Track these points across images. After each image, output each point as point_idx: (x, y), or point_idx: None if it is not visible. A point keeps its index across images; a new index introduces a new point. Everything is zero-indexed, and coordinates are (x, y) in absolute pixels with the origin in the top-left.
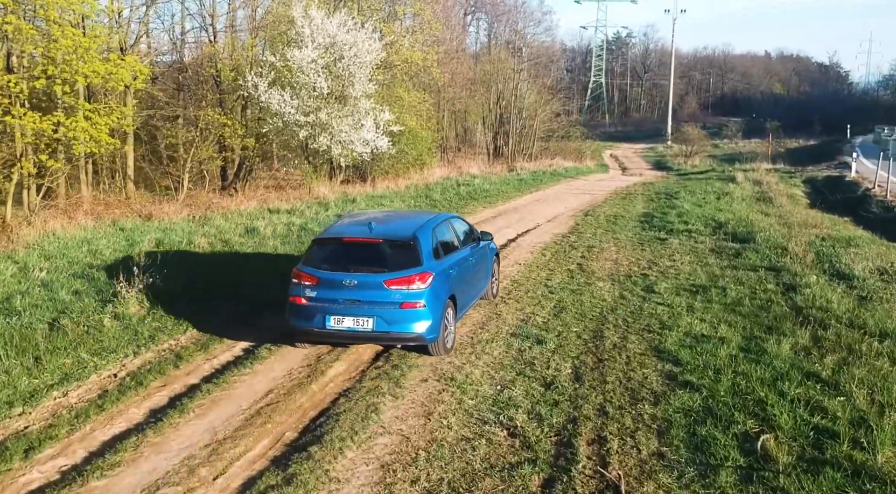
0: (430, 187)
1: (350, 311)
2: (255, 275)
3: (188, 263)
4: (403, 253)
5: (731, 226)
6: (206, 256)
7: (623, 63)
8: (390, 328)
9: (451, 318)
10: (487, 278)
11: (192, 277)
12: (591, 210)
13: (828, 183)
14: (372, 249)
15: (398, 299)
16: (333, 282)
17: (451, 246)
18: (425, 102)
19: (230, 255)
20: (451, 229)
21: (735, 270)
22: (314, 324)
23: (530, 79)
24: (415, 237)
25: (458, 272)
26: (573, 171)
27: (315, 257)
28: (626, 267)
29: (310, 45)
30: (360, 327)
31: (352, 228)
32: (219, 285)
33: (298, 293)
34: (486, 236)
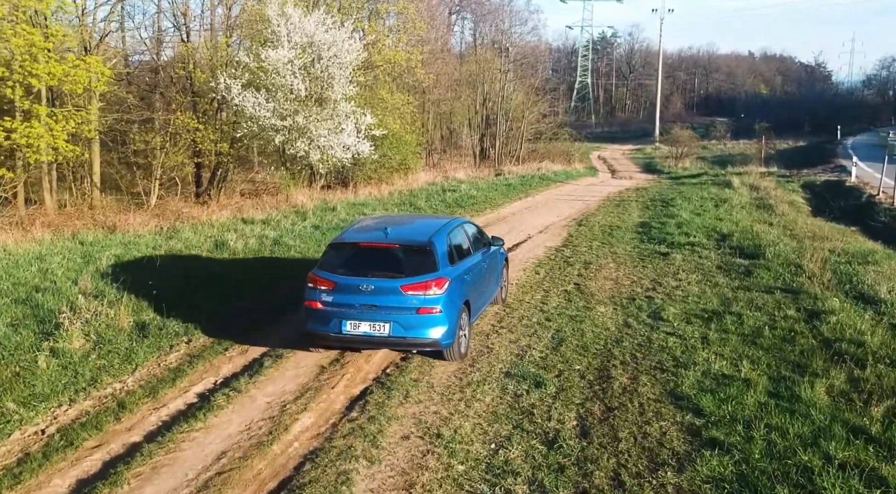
0: (415, 193)
1: (367, 316)
2: (219, 303)
3: (146, 286)
4: (420, 258)
5: (736, 238)
6: (168, 277)
7: (608, 63)
8: (407, 333)
9: (466, 323)
10: (498, 283)
11: (149, 303)
12: (584, 219)
13: (827, 188)
14: (388, 254)
15: (415, 305)
16: (350, 287)
17: (465, 251)
18: (409, 104)
19: (195, 275)
20: (465, 233)
21: (748, 291)
22: (330, 329)
23: (517, 79)
24: (431, 243)
25: (472, 278)
26: (562, 175)
27: (331, 262)
28: (628, 288)
29: (286, 44)
30: (376, 332)
31: (368, 233)
32: (178, 314)
33: (314, 298)
34: (496, 240)
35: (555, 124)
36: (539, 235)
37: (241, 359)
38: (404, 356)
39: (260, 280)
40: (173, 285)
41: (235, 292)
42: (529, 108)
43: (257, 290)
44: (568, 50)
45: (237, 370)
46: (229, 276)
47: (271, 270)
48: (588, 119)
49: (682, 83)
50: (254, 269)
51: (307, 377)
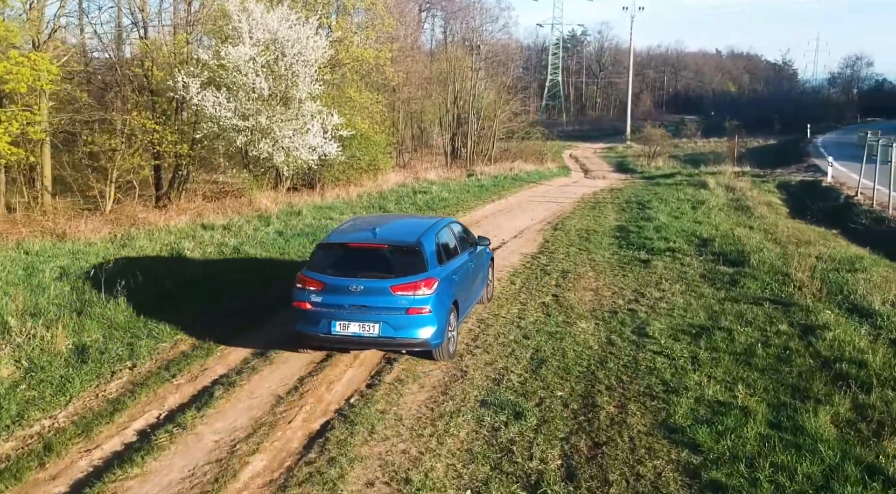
0: (385, 195)
1: (356, 316)
2: (171, 322)
3: (90, 302)
4: (409, 259)
5: (718, 244)
6: (116, 292)
7: (578, 61)
8: (396, 333)
9: (454, 323)
10: (484, 283)
11: (91, 322)
12: (559, 223)
13: (803, 188)
14: (377, 254)
15: (404, 305)
16: (339, 287)
17: (453, 251)
18: (378, 103)
19: (145, 290)
20: (452, 233)
21: (735, 303)
22: (319, 329)
23: (488, 78)
24: (420, 243)
25: (460, 278)
26: (535, 175)
27: (320, 262)
28: (609, 299)
29: (247, 41)
30: (365, 332)
31: (356, 233)
32: (123, 335)
33: (303, 298)
34: (483, 240)
35: (527, 123)
36: (514, 240)
37: (190, 387)
38: (370, 383)
39: (219, 295)
40: (120, 302)
41: (189, 309)
42: (501, 106)
43: (213, 306)
44: (538, 48)
45: (184, 400)
46: (184, 290)
47: (232, 284)
48: (559, 117)
49: (652, 81)
50: (212, 280)
51: (261, 409)
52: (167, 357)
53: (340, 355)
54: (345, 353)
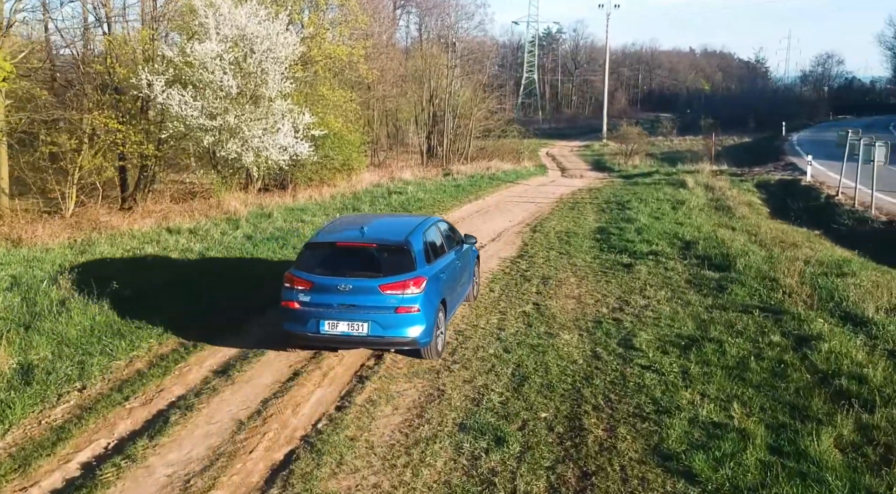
0: (359, 195)
1: (345, 315)
2: (125, 340)
3: (42, 315)
4: (397, 258)
5: (701, 246)
6: (70, 305)
7: (554, 59)
8: (385, 332)
9: (442, 322)
10: (471, 281)
11: (40, 338)
12: (538, 224)
13: (782, 188)
14: (366, 253)
15: (393, 304)
16: (328, 287)
17: (440, 250)
18: (352, 102)
19: (101, 303)
20: (439, 232)
21: (724, 311)
22: (308, 329)
23: (464, 75)
24: (408, 242)
25: (448, 276)
26: (512, 174)
27: (308, 262)
28: (592, 308)
29: (214, 37)
30: (354, 331)
31: (344, 232)
32: (73, 353)
33: (292, 298)
34: (469, 238)
35: (503, 121)
36: (492, 243)
37: (143, 412)
38: (340, 405)
39: (182, 306)
40: (74, 315)
41: (148, 322)
42: (477, 104)
43: (175, 318)
44: (514, 46)
45: (136, 427)
46: (144, 301)
47: (196, 294)
48: (535, 115)
49: (627, 79)
50: (175, 290)
51: (220, 436)
52: (121, 377)
53: (308, 373)
54: (313, 372)
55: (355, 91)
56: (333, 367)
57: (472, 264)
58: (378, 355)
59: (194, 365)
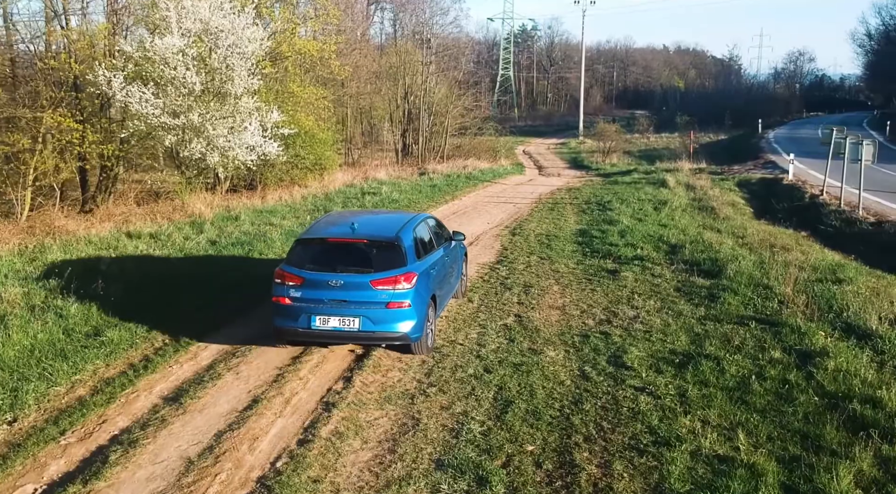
0: (331, 196)
1: (336, 311)
2: (70, 361)
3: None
4: (388, 253)
5: (688, 251)
6: (7, 323)
7: (529, 56)
8: (376, 327)
9: (432, 317)
10: (459, 277)
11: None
12: (517, 227)
13: (764, 187)
14: (357, 249)
15: (384, 299)
16: (319, 282)
17: (430, 246)
18: (325, 99)
19: (45, 317)
20: (428, 228)
21: (718, 323)
22: (299, 324)
23: (439, 72)
24: (399, 237)
25: (437, 272)
26: (489, 173)
27: (298, 258)
28: (578, 320)
29: (176, 31)
30: (346, 326)
31: (334, 228)
32: (5, 379)
33: (282, 294)
34: (457, 235)
35: (480, 119)
36: (470, 247)
37: (80, 448)
38: (302, 439)
39: (133, 323)
40: (13, 333)
41: (94, 342)
42: (453, 102)
43: (125, 338)
44: (490, 43)
45: (71, 467)
46: (93, 318)
47: (151, 309)
48: (511, 113)
49: (601, 76)
50: (128, 303)
51: (165, 479)
52: (59, 406)
53: (268, 400)
54: (275, 398)
55: (328, 88)
56: (297, 392)
57: (460, 260)
58: (347, 377)
59: (143, 391)
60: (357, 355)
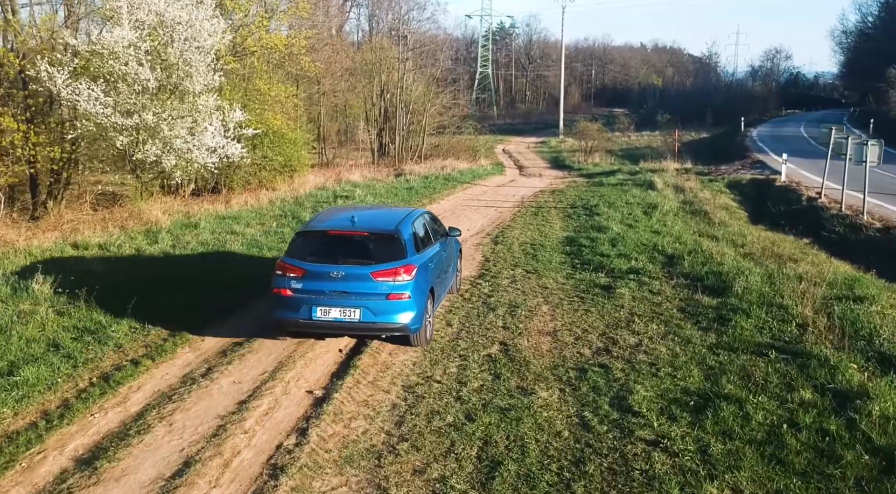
0: (301, 200)
1: (337, 302)
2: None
3: None
4: (389, 246)
5: (688, 262)
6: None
7: (507, 54)
8: (376, 318)
9: (430, 310)
10: (454, 273)
11: None
12: (499, 234)
13: (755, 188)
14: (358, 241)
15: (385, 291)
16: (320, 274)
17: (427, 240)
18: (295, 97)
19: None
20: (426, 223)
21: (733, 353)
22: (300, 315)
23: (416, 69)
24: (398, 230)
25: (435, 265)
26: (469, 174)
27: (299, 250)
28: (572, 348)
29: (126, 22)
30: (346, 317)
31: (335, 221)
32: None
33: (283, 285)
34: (453, 231)
35: (458, 117)
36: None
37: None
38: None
39: (50, 366)
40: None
41: (4, 387)
42: (431, 99)
43: (44, 381)
44: (468, 40)
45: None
46: (11, 350)
47: (75, 346)
48: (490, 110)
49: (580, 74)
50: (52, 338)
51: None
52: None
53: (204, 462)
54: (211, 459)
55: (301, 85)
56: (239, 451)
57: (455, 255)
58: (303, 428)
59: (52, 450)
60: (316, 398)
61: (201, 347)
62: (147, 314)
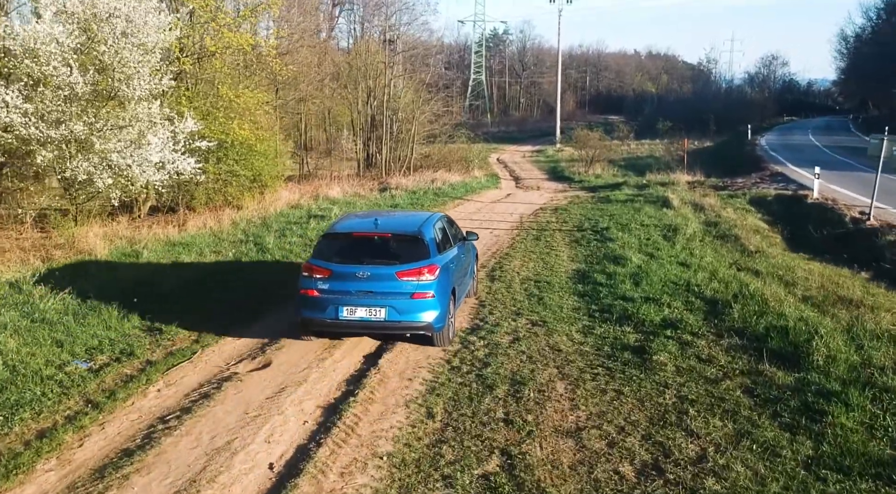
0: (268, 222)
1: (363, 301)
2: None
3: None
4: (412, 246)
5: (737, 311)
6: None
7: (501, 60)
8: (402, 317)
9: (452, 310)
10: (472, 276)
11: None
12: (497, 266)
13: (785, 207)
14: (382, 243)
15: (410, 290)
16: (346, 274)
17: (447, 243)
18: (267, 105)
19: None
20: (446, 226)
21: (847, 478)
22: (327, 315)
23: (406, 75)
24: (421, 232)
25: (455, 267)
26: (461, 187)
27: (325, 252)
28: (606, 465)
29: (48, 15)
30: (372, 317)
31: (359, 223)
32: None
33: (310, 286)
34: (471, 235)
35: (450, 125)
36: None
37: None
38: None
39: None
40: None
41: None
42: (420, 106)
43: None
44: (461, 46)
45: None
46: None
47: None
48: (484, 118)
49: (574, 81)
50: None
51: None
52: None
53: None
54: None
55: (281, 92)
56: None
57: (473, 260)
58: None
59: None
60: None
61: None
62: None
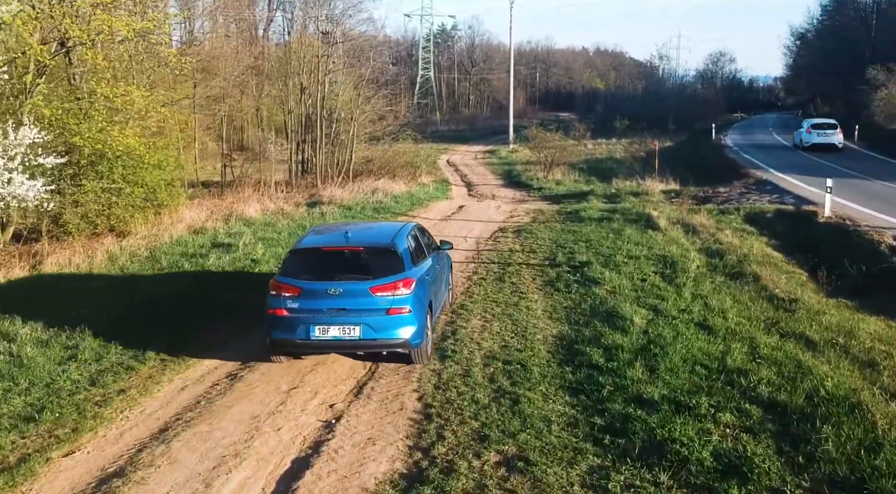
0: (157, 254)
1: (336, 319)
2: None
3: None
4: (385, 260)
5: (832, 440)
6: None
7: (449, 57)
8: (377, 334)
9: (429, 325)
10: (448, 288)
11: None
12: (449, 328)
13: (789, 226)
14: (354, 257)
15: (384, 306)
16: (317, 292)
17: (422, 253)
18: (167, 105)
19: None
20: (419, 236)
21: None
22: (297, 335)
23: (345, 68)
24: (394, 244)
25: (431, 279)
26: (406, 200)
27: (293, 268)
28: None
29: None
30: (346, 335)
31: (328, 237)
32: None
33: (279, 305)
34: (444, 244)
35: (395, 126)
36: (355, 409)
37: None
38: None
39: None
40: None
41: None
42: (361, 105)
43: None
44: (408, 42)
45: None
46: None
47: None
48: (433, 116)
49: (524, 78)
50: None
51: None
52: None
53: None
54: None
55: (199, 87)
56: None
57: (448, 270)
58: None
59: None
60: None
61: None
62: None
